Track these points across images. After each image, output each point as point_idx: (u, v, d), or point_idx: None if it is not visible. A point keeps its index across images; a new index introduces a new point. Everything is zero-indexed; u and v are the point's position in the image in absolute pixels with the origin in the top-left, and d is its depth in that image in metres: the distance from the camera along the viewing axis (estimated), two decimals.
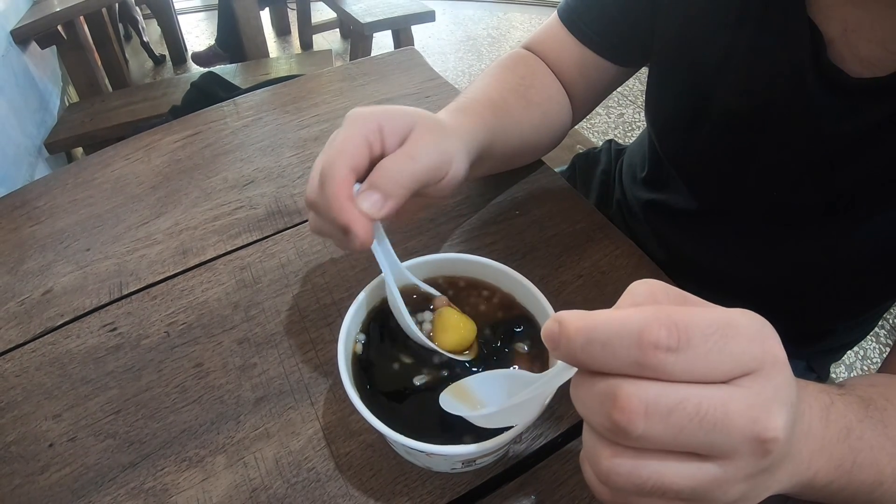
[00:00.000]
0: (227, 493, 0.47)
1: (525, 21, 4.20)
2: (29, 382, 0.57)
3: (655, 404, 0.24)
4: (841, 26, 0.50)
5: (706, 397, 0.25)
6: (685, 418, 0.24)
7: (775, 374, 0.26)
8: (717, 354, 0.25)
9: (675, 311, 0.25)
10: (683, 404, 0.24)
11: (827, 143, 0.54)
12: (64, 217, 0.75)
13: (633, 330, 0.24)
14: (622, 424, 0.25)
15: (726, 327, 0.25)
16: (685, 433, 0.25)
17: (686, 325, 0.24)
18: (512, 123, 0.64)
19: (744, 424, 0.25)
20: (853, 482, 0.35)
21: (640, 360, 0.24)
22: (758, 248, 0.68)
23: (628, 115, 2.97)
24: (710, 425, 0.25)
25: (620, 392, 0.25)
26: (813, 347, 0.80)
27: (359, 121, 0.45)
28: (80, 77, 2.54)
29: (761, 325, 0.26)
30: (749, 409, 0.25)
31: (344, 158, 0.43)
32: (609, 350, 0.25)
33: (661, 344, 0.24)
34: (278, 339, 0.58)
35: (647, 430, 0.25)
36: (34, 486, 0.49)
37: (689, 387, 0.25)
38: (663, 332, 0.24)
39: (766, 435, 0.25)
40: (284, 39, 4.04)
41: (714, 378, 0.25)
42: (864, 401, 0.38)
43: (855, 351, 1.78)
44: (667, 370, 0.24)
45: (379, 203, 0.43)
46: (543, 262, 0.64)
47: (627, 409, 0.25)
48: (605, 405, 0.25)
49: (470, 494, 0.47)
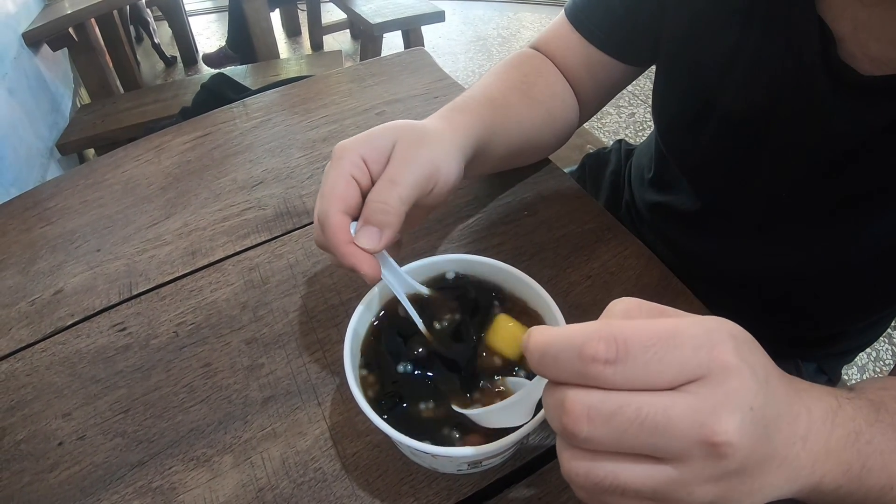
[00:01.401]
0: (233, 492, 0.48)
1: (535, 21, 4.19)
2: (39, 381, 0.57)
3: (597, 409, 0.27)
4: (851, 24, 0.49)
5: (646, 403, 0.26)
6: (626, 422, 0.26)
7: (725, 380, 0.27)
8: (657, 364, 0.26)
9: (617, 326, 0.27)
10: (623, 409, 0.26)
11: (836, 142, 0.53)
12: (75, 218, 0.76)
13: (576, 344, 0.27)
14: (569, 427, 0.27)
15: (669, 338, 0.27)
16: (627, 436, 0.27)
17: (625, 338, 0.27)
18: (513, 120, 0.64)
19: (687, 427, 0.26)
20: (863, 487, 0.35)
21: (581, 371, 0.27)
22: (765, 249, 0.67)
23: (639, 114, 2.96)
24: (651, 428, 0.26)
25: (566, 398, 0.28)
26: (823, 350, 0.79)
27: (342, 159, 0.47)
28: (91, 79, 2.56)
29: (712, 331, 0.28)
30: (693, 414, 0.26)
31: (335, 205, 0.45)
32: (559, 363, 0.28)
33: (598, 357, 0.26)
34: (286, 340, 0.58)
35: (591, 432, 0.27)
36: (44, 483, 0.49)
37: (631, 394, 0.27)
38: (601, 345, 0.26)
39: (715, 439, 0.26)
40: (295, 40, 4.05)
41: (656, 385, 0.27)
42: (875, 404, 0.37)
43: (867, 353, 1.76)
44: (607, 380, 0.27)
45: (376, 237, 0.44)
46: (551, 263, 0.64)
47: (572, 414, 0.27)
48: (558, 410, 0.28)
49: (476, 496, 0.47)
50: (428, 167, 0.48)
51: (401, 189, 0.45)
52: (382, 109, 0.89)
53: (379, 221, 0.44)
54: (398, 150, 0.48)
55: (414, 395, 0.44)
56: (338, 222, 0.44)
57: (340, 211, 0.45)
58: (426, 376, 0.45)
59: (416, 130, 0.50)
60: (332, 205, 0.45)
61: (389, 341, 0.47)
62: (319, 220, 0.46)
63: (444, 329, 0.47)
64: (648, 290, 0.61)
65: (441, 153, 0.50)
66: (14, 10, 2.24)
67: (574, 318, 0.42)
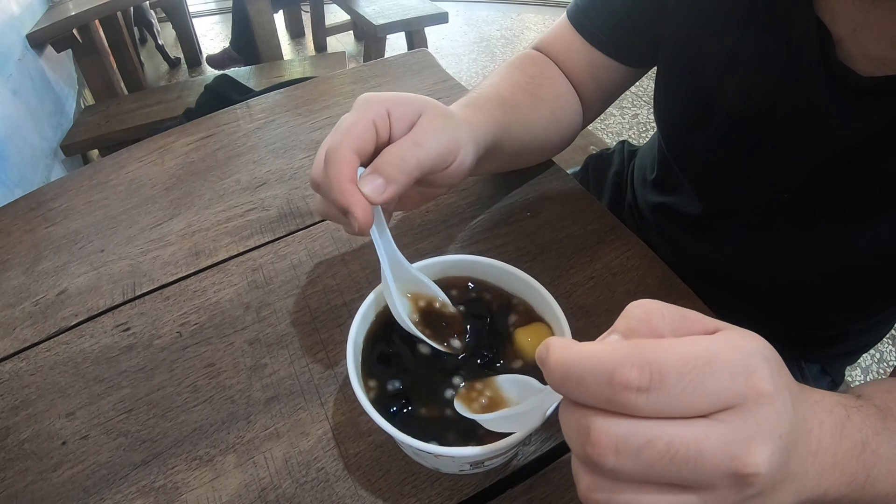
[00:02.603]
0: (236, 491, 0.48)
1: (539, 22, 4.19)
2: (43, 381, 0.57)
3: (626, 441, 0.25)
4: (850, 25, 0.49)
5: (678, 435, 0.25)
6: (655, 456, 0.25)
7: (759, 408, 0.26)
8: (692, 393, 0.25)
9: (651, 349, 0.25)
10: (654, 442, 0.25)
11: (836, 143, 0.53)
12: (79, 218, 0.76)
13: (605, 369, 0.25)
14: (593, 458, 0.26)
15: (706, 364, 0.25)
16: (656, 469, 0.25)
17: (659, 364, 0.25)
18: (520, 121, 0.64)
19: (719, 461, 0.25)
20: (866, 496, 0.34)
21: (611, 398, 0.25)
22: (767, 250, 0.67)
23: (643, 115, 2.96)
24: (682, 463, 0.25)
25: (593, 427, 0.26)
26: (826, 351, 0.79)
27: (368, 105, 0.45)
28: (95, 80, 2.57)
29: (748, 355, 0.26)
30: (726, 446, 0.25)
31: (349, 141, 0.43)
32: (584, 386, 0.26)
33: (631, 385, 0.24)
34: (289, 340, 0.58)
35: (618, 465, 0.25)
36: (47, 482, 0.49)
37: (662, 423, 0.25)
38: (634, 372, 0.24)
39: (745, 471, 0.25)
40: (298, 42, 4.06)
41: (689, 414, 0.25)
42: (882, 411, 0.37)
43: (871, 353, 1.76)
44: (638, 408, 0.25)
45: (381, 187, 0.43)
46: (554, 264, 0.64)
47: (598, 445, 0.25)
48: (580, 436, 0.26)
49: (478, 496, 0.47)
50: (451, 143, 0.48)
51: (422, 152, 0.45)
52: None
53: (389, 174, 0.43)
54: (426, 118, 0.47)
55: (416, 395, 0.44)
56: (347, 159, 0.43)
57: (353, 149, 0.43)
58: (428, 376, 0.45)
59: (443, 107, 0.50)
60: (346, 140, 0.43)
61: (392, 341, 0.48)
62: (328, 153, 0.44)
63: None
64: (651, 290, 0.61)
65: (464, 135, 0.50)
66: (18, 12, 2.25)
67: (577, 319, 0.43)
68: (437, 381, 0.45)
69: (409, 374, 0.45)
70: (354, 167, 0.43)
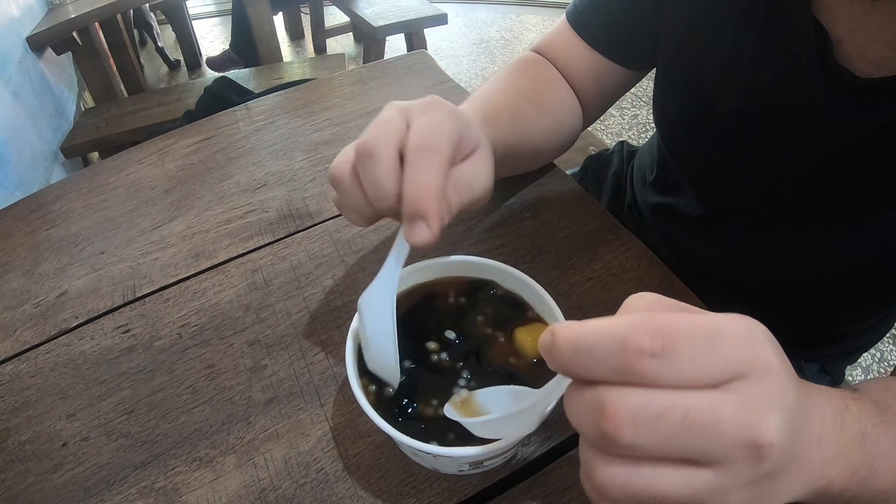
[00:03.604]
0: (236, 492, 0.48)
1: (538, 23, 4.19)
2: (43, 383, 0.57)
3: (643, 411, 0.25)
4: (848, 26, 0.49)
5: (694, 403, 0.25)
6: (674, 424, 0.25)
7: (767, 379, 0.26)
8: (704, 359, 0.25)
9: (659, 318, 0.25)
10: (671, 411, 0.25)
11: (835, 144, 0.53)
12: (79, 220, 0.76)
13: (617, 337, 0.25)
14: (610, 433, 0.25)
15: (713, 332, 0.25)
16: (674, 439, 0.25)
17: (671, 331, 0.25)
18: (525, 131, 0.64)
19: (735, 429, 0.25)
20: (868, 489, 0.34)
21: (625, 366, 0.25)
22: (766, 251, 0.67)
23: (642, 116, 2.96)
24: (700, 431, 0.25)
25: (607, 400, 0.25)
26: (826, 350, 0.79)
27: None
28: (95, 82, 2.57)
29: (751, 330, 0.27)
30: (740, 414, 0.25)
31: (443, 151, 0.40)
32: (596, 358, 0.25)
33: (644, 350, 0.24)
34: (289, 341, 0.58)
35: (636, 437, 0.25)
36: (47, 484, 0.50)
37: (677, 392, 0.25)
38: (646, 338, 0.24)
39: (760, 440, 0.25)
40: (298, 44, 4.06)
41: (702, 383, 0.25)
42: (879, 405, 0.37)
43: (871, 353, 1.76)
44: (652, 376, 0.25)
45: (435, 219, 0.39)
46: (553, 265, 0.64)
47: (615, 418, 0.25)
48: (593, 414, 0.26)
49: (477, 497, 0.47)
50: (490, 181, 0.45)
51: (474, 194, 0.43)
52: None
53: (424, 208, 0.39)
54: (481, 156, 0.45)
55: (416, 396, 0.44)
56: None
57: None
58: (428, 377, 0.45)
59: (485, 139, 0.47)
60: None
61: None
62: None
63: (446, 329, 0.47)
64: (650, 290, 0.60)
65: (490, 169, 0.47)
66: (18, 14, 2.25)
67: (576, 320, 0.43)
68: (436, 381, 0.45)
69: (411, 375, 0.45)
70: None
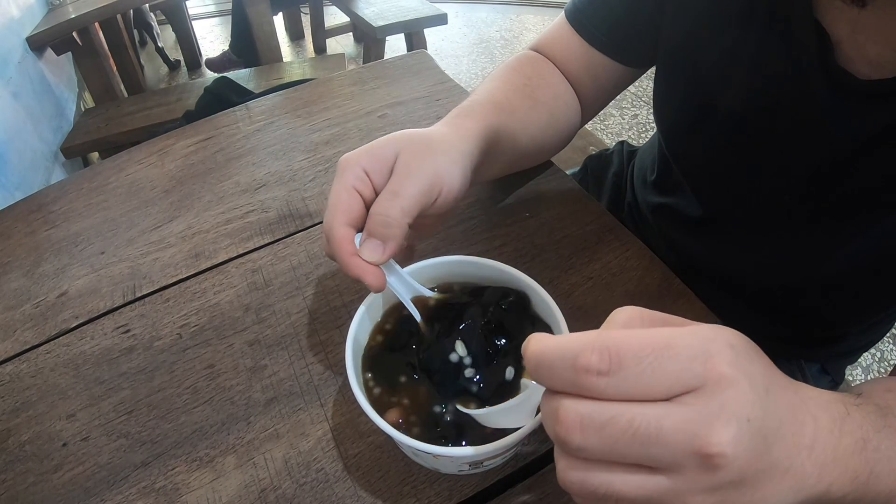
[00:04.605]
0: (236, 492, 0.48)
1: (538, 23, 4.19)
2: (44, 383, 0.57)
3: (590, 419, 0.27)
4: (849, 27, 0.49)
5: (639, 413, 0.27)
6: (618, 432, 0.27)
7: (721, 391, 0.27)
8: (650, 376, 0.27)
9: (611, 336, 0.27)
10: (616, 419, 0.27)
11: (835, 146, 0.53)
12: (79, 221, 0.76)
13: (570, 355, 0.28)
14: (562, 436, 0.28)
15: (663, 348, 0.27)
16: (620, 446, 0.27)
17: (618, 349, 0.27)
18: (518, 124, 0.63)
19: (681, 439, 0.26)
20: (869, 493, 0.34)
21: (575, 381, 0.27)
22: (766, 252, 0.67)
23: (642, 115, 2.96)
24: (643, 439, 0.26)
25: (560, 407, 0.28)
26: (826, 350, 0.79)
27: (343, 172, 0.47)
28: (95, 83, 2.57)
29: (705, 343, 0.28)
30: (686, 425, 0.26)
31: (338, 217, 0.45)
32: (553, 372, 0.28)
33: (591, 368, 0.27)
34: (289, 342, 0.58)
35: (584, 441, 0.27)
36: (48, 484, 0.50)
37: (624, 404, 0.27)
38: (594, 356, 0.27)
39: (709, 450, 0.26)
40: (298, 44, 4.06)
41: (650, 396, 0.27)
42: (882, 409, 0.37)
43: (871, 353, 1.76)
44: (599, 390, 0.27)
45: (379, 249, 0.45)
46: (553, 265, 0.64)
47: (565, 423, 0.28)
48: (552, 419, 0.29)
49: (477, 496, 0.47)
50: (431, 178, 0.47)
51: (403, 201, 0.45)
52: (385, 112, 0.90)
53: (382, 234, 0.45)
54: (401, 161, 0.48)
55: (416, 396, 0.44)
56: (342, 235, 0.45)
57: (344, 224, 0.45)
58: (429, 378, 0.45)
59: (420, 140, 0.50)
60: (336, 218, 0.45)
61: (392, 343, 0.48)
62: (325, 233, 0.46)
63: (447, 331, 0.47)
64: (650, 291, 0.61)
65: (445, 162, 0.49)
66: (18, 15, 2.25)
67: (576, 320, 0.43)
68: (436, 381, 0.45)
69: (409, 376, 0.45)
70: (350, 240, 0.45)
